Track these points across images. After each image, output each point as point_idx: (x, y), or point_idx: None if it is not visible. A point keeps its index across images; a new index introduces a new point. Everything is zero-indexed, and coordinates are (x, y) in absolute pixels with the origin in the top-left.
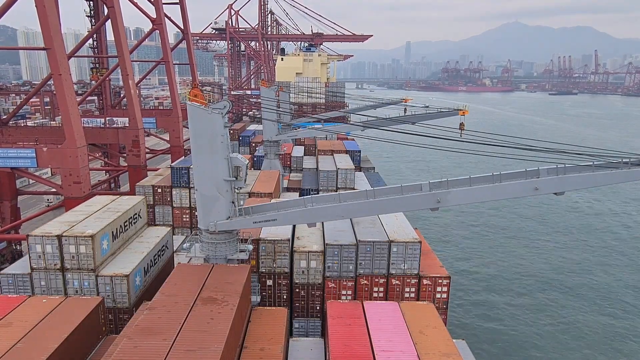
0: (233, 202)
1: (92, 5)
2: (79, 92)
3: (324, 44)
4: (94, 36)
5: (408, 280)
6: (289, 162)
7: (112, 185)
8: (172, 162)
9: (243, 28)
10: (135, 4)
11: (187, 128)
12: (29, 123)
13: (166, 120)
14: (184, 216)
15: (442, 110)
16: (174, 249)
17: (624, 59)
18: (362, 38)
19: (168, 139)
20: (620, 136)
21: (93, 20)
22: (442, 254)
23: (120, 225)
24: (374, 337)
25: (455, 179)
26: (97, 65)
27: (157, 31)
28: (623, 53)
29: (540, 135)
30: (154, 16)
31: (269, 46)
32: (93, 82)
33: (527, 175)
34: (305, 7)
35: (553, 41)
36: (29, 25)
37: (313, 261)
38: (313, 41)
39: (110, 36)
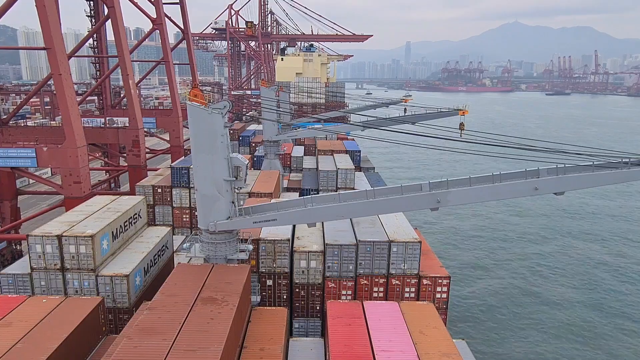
0: (233, 202)
1: (92, 5)
2: (79, 92)
3: (324, 44)
4: (94, 36)
5: (408, 280)
6: (289, 162)
7: (112, 185)
8: (172, 162)
9: (243, 28)
10: (136, 4)
11: (187, 128)
12: (29, 123)
13: (166, 120)
14: (184, 216)
15: (442, 110)
16: (174, 249)
17: (624, 59)
18: (362, 38)
19: (168, 139)
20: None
21: (93, 20)
22: (442, 254)
23: (120, 225)
24: (374, 337)
25: (455, 179)
26: (97, 65)
27: (157, 31)
28: (623, 53)
29: None
30: (154, 16)
31: (269, 47)
32: (94, 81)
33: (527, 175)
34: (305, 7)
35: (553, 41)
36: (29, 25)
37: (313, 261)
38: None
39: (110, 36)
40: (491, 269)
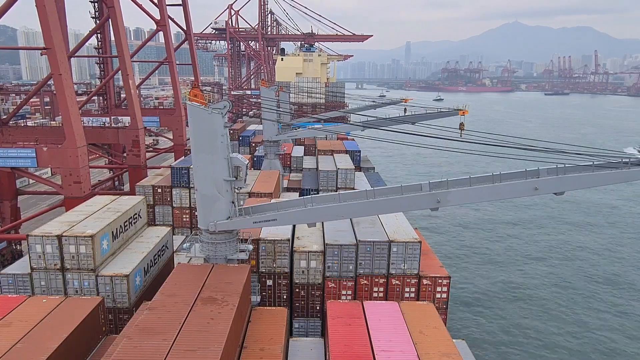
0: (233, 202)
1: (97, 6)
2: (79, 92)
3: (324, 44)
4: (98, 36)
5: (408, 280)
6: (289, 162)
7: (117, 183)
8: (175, 161)
9: (243, 28)
10: (140, 6)
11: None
12: (29, 123)
13: (169, 119)
14: (184, 216)
15: (442, 110)
16: (174, 249)
17: (624, 59)
18: (362, 38)
19: (171, 137)
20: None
21: (98, 22)
22: (442, 254)
23: (120, 225)
24: (374, 337)
25: (455, 179)
26: (101, 65)
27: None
28: (623, 53)
29: None
30: (158, 17)
31: (268, 48)
32: (95, 82)
33: (527, 175)
34: (305, 7)
35: (553, 41)
36: (29, 25)
37: (313, 261)
38: (305, 41)
39: (112, 36)
40: (492, 269)
